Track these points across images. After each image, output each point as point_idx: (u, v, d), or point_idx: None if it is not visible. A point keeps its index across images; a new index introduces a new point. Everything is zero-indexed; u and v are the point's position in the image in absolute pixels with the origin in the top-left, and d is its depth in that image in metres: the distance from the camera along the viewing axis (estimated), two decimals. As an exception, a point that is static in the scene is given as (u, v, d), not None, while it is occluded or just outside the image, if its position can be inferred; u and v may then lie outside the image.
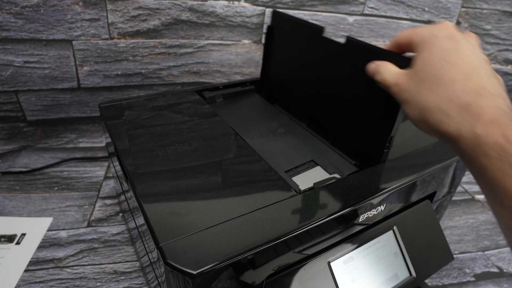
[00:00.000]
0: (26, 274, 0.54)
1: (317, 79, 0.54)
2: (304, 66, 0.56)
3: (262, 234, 0.34)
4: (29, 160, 0.78)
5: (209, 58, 0.87)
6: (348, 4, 0.85)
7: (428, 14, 0.89)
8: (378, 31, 0.89)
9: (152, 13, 0.79)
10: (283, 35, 0.60)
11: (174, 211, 0.37)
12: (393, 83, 0.36)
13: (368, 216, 0.42)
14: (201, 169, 0.44)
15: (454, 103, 0.30)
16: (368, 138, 0.48)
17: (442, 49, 0.32)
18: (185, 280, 0.31)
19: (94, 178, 0.74)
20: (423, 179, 0.46)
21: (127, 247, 0.59)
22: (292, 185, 0.42)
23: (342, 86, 0.50)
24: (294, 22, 0.57)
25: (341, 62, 0.49)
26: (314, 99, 0.55)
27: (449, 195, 0.56)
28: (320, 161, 0.48)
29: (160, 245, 0.33)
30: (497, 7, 0.90)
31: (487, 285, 0.57)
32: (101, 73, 0.82)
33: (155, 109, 0.57)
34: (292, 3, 0.83)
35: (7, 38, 0.74)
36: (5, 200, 0.67)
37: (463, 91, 0.30)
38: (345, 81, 0.49)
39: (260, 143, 0.52)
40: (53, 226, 0.63)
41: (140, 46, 0.82)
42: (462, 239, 0.65)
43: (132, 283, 0.54)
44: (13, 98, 0.80)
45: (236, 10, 0.82)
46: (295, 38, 0.57)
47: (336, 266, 0.41)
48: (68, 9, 0.74)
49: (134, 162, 0.45)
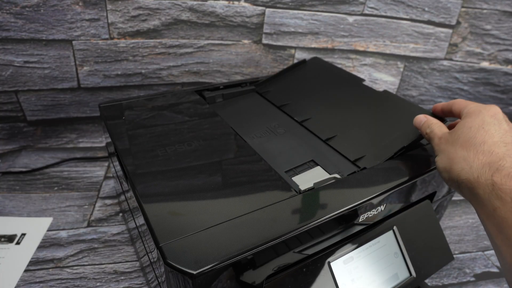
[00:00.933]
0: (26, 274, 0.54)
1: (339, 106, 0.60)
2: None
3: (262, 234, 0.34)
4: (29, 160, 0.78)
5: (209, 58, 0.86)
6: (348, 4, 0.85)
7: (428, 14, 0.89)
8: (378, 31, 0.89)
9: (152, 13, 0.79)
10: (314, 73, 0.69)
11: (174, 211, 0.37)
12: (438, 136, 0.42)
13: (368, 216, 0.42)
14: (201, 169, 0.44)
15: (479, 158, 0.35)
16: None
17: (483, 120, 0.38)
18: (185, 280, 0.31)
19: (94, 178, 0.74)
20: (423, 179, 0.46)
21: (127, 247, 0.59)
22: (292, 185, 0.42)
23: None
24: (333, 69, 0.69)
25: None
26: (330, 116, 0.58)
27: (449, 195, 0.56)
28: (320, 161, 0.48)
29: (160, 245, 0.33)
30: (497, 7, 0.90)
31: (487, 285, 0.57)
32: (101, 73, 0.82)
33: (155, 109, 0.57)
34: (292, 3, 0.83)
35: (7, 38, 0.74)
36: (5, 200, 0.67)
37: (490, 152, 0.35)
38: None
39: (260, 143, 0.52)
40: (53, 226, 0.63)
41: (140, 46, 0.82)
42: (462, 239, 0.65)
43: (132, 283, 0.54)
44: (13, 98, 0.80)
45: (236, 10, 0.82)
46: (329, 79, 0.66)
47: (336, 266, 0.41)
48: (68, 9, 0.74)
49: (134, 162, 0.45)
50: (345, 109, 0.58)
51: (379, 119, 0.54)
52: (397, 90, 0.98)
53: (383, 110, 0.56)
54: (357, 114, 0.56)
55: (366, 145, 0.50)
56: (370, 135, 0.51)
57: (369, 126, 0.53)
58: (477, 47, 0.94)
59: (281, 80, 0.69)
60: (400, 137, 0.49)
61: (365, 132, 0.52)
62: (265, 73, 0.91)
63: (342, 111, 0.57)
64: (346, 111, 0.57)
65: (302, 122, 0.57)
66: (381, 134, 0.51)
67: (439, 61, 0.95)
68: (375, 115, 0.55)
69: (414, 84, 0.98)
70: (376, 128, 0.52)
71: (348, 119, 0.55)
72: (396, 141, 0.49)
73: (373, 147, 0.49)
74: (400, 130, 0.50)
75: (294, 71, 0.70)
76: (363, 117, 0.55)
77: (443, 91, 0.99)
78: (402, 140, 0.48)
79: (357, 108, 0.58)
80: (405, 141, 0.48)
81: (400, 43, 0.91)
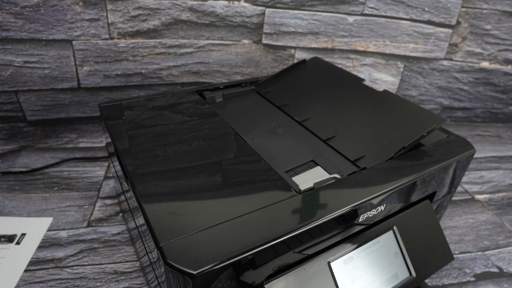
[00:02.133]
0: (26, 274, 0.54)
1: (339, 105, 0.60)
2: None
3: (262, 234, 0.34)
4: (29, 160, 0.78)
5: (209, 58, 0.87)
6: (348, 4, 0.85)
7: (428, 14, 0.89)
8: (378, 31, 0.89)
9: (152, 13, 0.79)
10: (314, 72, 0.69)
11: (174, 211, 0.37)
12: None
13: (368, 216, 0.42)
14: (201, 169, 0.44)
15: None
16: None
17: None
18: (185, 280, 0.31)
19: (94, 178, 0.74)
20: (423, 179, 0.46)
21: (127, 247, 0.59)
22: (292, 185, 0.42)
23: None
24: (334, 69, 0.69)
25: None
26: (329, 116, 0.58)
27: (449, 195, 0.56)
28: (320, 161, 0.48)
29: (160, 245, 0.33)
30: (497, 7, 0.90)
31: (487, 285, 0.57)
32: (101, 73, 0.82)
33: (155, 109, 0.57)
34: (292, 3, 0.83)
35: (7, 38, 0.74)
36: (5, 200, 0.67)
37: None
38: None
39: (260, 143, 0.52)
40: (53, 226, 0.63)
41: (140, 46, 0.82)
42: (462, 239, 0.65)
43: (132, 283, 0.54)
44: (13, 98, 0.80)
45: (236, 10, 0.82)
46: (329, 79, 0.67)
47: (336, 266, 0.41)
48: (68, 9, 0.74)
49: (134, 162, 0.45)
50: (345, 109, 0.58)
51: (379, 119, 0.54)
52: (397, 90, 0.98)
53: (383, 110, 0.56)
54: (357, 114, 0.56)
55: (366, 145, 0.50)
56: (370, 135, 0.51)
57: (369, 126, 0.53)
58: (477, 47, 0.94)
59: (281, 80, 0.69)
60: (400, 137, 0.49)
61: (365, 132, 0.52)
62: (265, 73, 0.91)
63: (342, 111, 0.57)
64: (346, 111, 0.57)
65: (302, 122, 0.57)
66: (381, 134, 0.51)
67: (439, 61, 0.95)
68: (375, 115, 0.55)
69: (414, 84, 0.98)
70: (376, 128, 0.52)
71: (348, 119, 0.55)
72: (396, 141, 0.49)
73: (373, 147, 0.49)
74: (400, 130, 0.50)
75: (294, 71, 0.70)
76: (363, 117, 0.55)
77: (443, 91, 1.00)
78: (402, 140, 0.48)
79: (357, 108, 0.58)
80: (405, 141, 0.48)
81: (400, 43, 0.92)
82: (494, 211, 0.73)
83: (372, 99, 0.59)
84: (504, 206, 0.74)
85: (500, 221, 0.70)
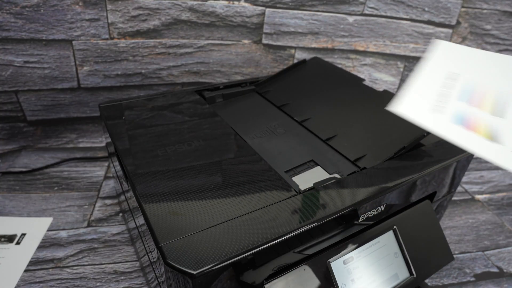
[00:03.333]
0: (26, 274, 0.54)
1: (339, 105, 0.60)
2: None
3: (262, 234, 0.34)
4: (29, 160, 0.78)
5: (209, 58, 0.87)
6: (348, 4, 0.85)
7: (428, 14, 0.89)
8: (378, 31, 0.89)
9: (152, 13, 0.79)
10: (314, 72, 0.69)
11: (174, 211, 0.37)
12: None
13: (368, 216, 0.42)
14: (201, 169, 0.44)
15: None
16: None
17: None
18: (185, 280, 0.31)
19: (94, 178, 0.74)
20: (423, 179, 0.46)
21: (127, 247, 0.59)
22: (292, 185, 0.42)
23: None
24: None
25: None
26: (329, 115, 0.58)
27: (449, 195, 0.56)
28: (320, 161, 0.48)
29: (160, 245, 0.33)
30: (497, 7, 0.90)
31: (487, 285, 0.57)
32: (101, 73, 0.82)
33: (155, 109, 0.57)
34: (292, 3, 0.83)
35: (7, 38, 0.74)
36: (5, 200, 0.67)
37: None
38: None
39: (260, 143, 0.52)
40: (53, 226, 0.63)
41: (140, 46, 0.82)
42: (462, 239, 0.65)
43: (132, 283, 0.54)
44: (13, 98, 0.80)
45: (236, 10, 0.82)
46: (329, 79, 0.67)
47: (336, 266, 0.41)
48: (68, 9, 0.74)
49: (134, 162, 0.45)
50: (345, 109, 0.58)
51: (379, 119, 0.54)
52: (397, 90, 0.98)
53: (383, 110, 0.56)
54: (357, 114, 0.56)
55: (366, 145, 0.50)
56: (370, 135, 0.51)
57: (369, 126, 0.53)
58: (477, 47, 0.94)
59: (281, 80, 0.69)
60: (400, 137, 0.49)
61: (365, 132, 0.52)
62: (265, 73, 0.91)
63: (342, 111, 0.57)
64: (346, 111, 0.57)
65: (302, 122, 0.57)
66: (381, 134, 0.51)
67: (439, 61, 0.95)
68: (375, 115, 0.55)
69: (414, 84, 0.97)
70: (376, 128, 0.52)
71: (348, 119, 0.55)
72: (396, 141, 0.49)
73: (373, 147, 0.49)
74: (400, 130, 0.50)
75: (294, 71, 0.70)
76: (363, 117, 0.55)
77: (443, 91, 0.99)
78: (402, 140, 0.48)
79: (357, 108, 0.58)
80: (405, 141, 0.48)
81: (400, 43, 0.92)
82: (494, 211, 0.73)
83: (372, 99, 0.59)
84: (504, 206, 0.74)
85: (500, 221, 0.70)
